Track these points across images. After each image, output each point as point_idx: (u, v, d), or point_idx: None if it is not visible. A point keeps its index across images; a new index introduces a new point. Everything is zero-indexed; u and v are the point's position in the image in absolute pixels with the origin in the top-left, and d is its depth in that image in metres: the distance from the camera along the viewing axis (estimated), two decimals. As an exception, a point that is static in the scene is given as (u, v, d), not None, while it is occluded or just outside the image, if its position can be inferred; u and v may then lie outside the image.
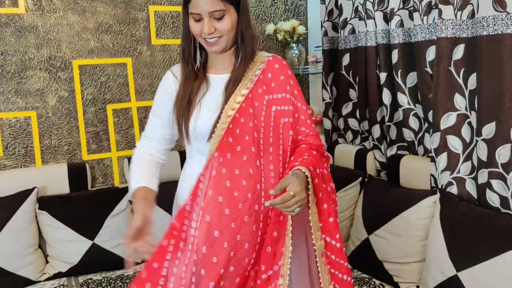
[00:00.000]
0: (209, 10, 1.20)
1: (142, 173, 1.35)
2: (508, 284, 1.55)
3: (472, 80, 1.85)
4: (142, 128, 2.56)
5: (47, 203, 2.23)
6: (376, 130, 2.39)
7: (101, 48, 2.47)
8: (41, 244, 2.24)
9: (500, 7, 1.67)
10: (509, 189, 1.73)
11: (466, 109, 1.90)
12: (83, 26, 2.42)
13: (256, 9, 2.85)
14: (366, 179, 2.35)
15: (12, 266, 2.08)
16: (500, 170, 1.75)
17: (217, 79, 1.33)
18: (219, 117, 1.25)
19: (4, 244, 2.07)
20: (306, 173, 1.19)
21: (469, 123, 1.89)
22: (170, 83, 1.37)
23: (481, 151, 1.80)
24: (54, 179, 2.34)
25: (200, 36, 1.25)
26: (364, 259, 2.12)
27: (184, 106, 1.30)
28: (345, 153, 2.61)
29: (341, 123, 2.75)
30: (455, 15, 1.86)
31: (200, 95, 1.30)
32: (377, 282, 2.03)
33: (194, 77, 1.32)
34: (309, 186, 1.20)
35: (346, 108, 2.69)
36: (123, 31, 2.50)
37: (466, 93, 1.89)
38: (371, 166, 2.44)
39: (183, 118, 1.30)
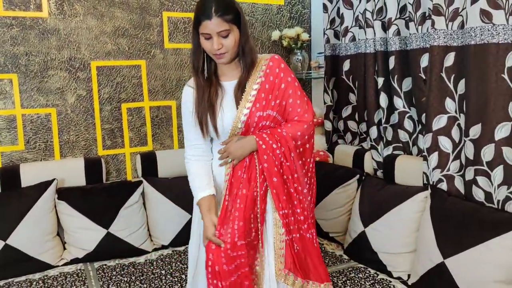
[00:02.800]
0: (217, 30, 1.43)
1: (201, 181, 1.57)
2: (488, 268, 1.70)
3: (461, 85, 2.00)
4: (154, 126, 2.74)
5: (66, 194, 2.38)
6: (374, 132, 2.54)
7: (118, 50, 2.64)
8: (59, 232, 2.39)
9: (487, 19, 1.83)
10: (492, 185, 1.89)
11: (456, 111, 2.05)
12: (101, 30, 2.59)
13: (263, 17, 3.02)
14: (363, 177, 2.50)
15: (33, 251, 2.23)
16: (485, 167, 1.90)
17: (229, 85, 1.56)
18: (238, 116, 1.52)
19: (26, 231, 2.22)
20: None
21: (458, 125, 2.05)
22: (189, 94, 1.59)
23: (468, 150, 1.96)
24: (72, 172, 2.50)
25: (211, 51, 1.48)
26: (360, 250, 2.27)
27: (207, 108, 1.52)
28: (345, 153, 2.77)
29: (341, 125, 2.91)
30: (447, 26, 2.03)
31: (219, 98, 1.54)
32: (372, 271, 2.18)
33: (209, 84, 1.55)
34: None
35: (346, 111, 2.84)
36: (138, 35, 2.67)
37: (456, 97, 2.04)
38: (369, 165, 2.59)
39: (210, 117, 1.52)
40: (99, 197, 2.42)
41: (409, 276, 2.06)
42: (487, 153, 1.89)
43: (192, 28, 1.51)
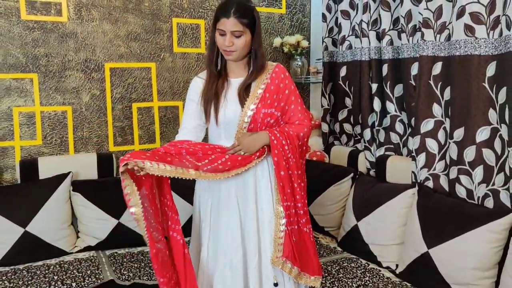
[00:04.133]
0: (231, 29, 1.62)
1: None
2: (466, 257, 1.89)
3: (447, 92, 2.19)
4: (162, 124, 2.92)
5: (80, 186, 2.55)
6: (367, 134, 2.72)
7: (130, 53, 2.82)
8: (73, 222, 2.56)
9: (470, 33, 2.03)
10: (473, 183, 2.08)
11: (442, 116, 2.25)
12: (115, 34, 2.77)
13: (265, 24, 3.21)
14: (357, 176, 2.69)
15: (50, 238, 2.39)
16: (467, 167, 2.09)
17: (235, 81, 1.75)
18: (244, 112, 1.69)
19: (43, 220, 2.38)
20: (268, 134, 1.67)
21: (444, 128, 2.24)
22: (198, 85, 1.78)
23: (452, 151, 2.15)
24: (85, 166, 2.67)
25: (221, 47, 1.67)
26: (353, 242, 2.45)
27: (212, 96, 1.70)
28: (340, 153, 2.96)
29: (337, 127, 3.10)
30: (435, 37, 2.22)
31: (224, 91, 1.72)
32: (363, 261, 2.36)
33: (218, 77, 1.74)
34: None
35: (342, 114, 3.03)
36: (149, 39, 2.86)
37: (442, 103, 2.23)
38: (362, 165, 2.78)
39: (214, 106, 1.70)
40: (110, 189, 2.58)
41: (397, 265, 2.25)
42: (469, 154, 2.08)
43: (212, 24, 1.68)
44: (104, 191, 2.58)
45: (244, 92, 1.70)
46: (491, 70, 1.99)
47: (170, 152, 1.59)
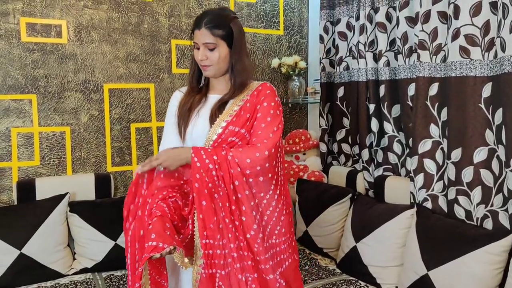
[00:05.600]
0: (203, 41, 1.52)
1: None
2: (465, 279, 1.87)
3: (444, 113, 2.20)
4: (160, 145, 2.91)
5: (77, 207, 2.54)
6: (365, 154, 2.72)
7: (129, 74, 2.84)
8: (69, 243, 2.54)
9: (465, 55, 2.05)
10: (472, 203, 2.07)
11: (439, 136, 2.25)
12: (114, 55, 2.79)
13: (264, 46, 3.24)
14: (356, 196, 2.68)
15: (46, 260, 2.37)
16: (465, 188, 2.09)
17: (213, 98, 1.61)
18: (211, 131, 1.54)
19: (39, 241, 2.36)
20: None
21: (442, 149, 2.24)
22: (177, 98, 1.67)
23: (450, 172, 2.15)
24: (83, 187, 2.66)
25: (198, 61, 1.56)
26: (352, 264, 2.43)
27: (185, 111, 1.59)
28: (338, 173, 2.95)
29: (335, 147, 3.10)
30: (431, 59, 2.24)
31: (199, 106, 1.60)
32: (363, 283, 2.33)
33: (197, 93, 1.64)
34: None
35: (340, 134, 3.04)
36: (148, 60, 2.88)
37: (439, 124, 2.24)
38: (361, 185, 2.77)
39: (183, 121, 1.59)
40: (108, 210, 2.57)
41: (396, 287, 2.22)
42: (467, 174, 2.07)
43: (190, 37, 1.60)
44: (101, 212, 2.56)
45: (217, 110, 1.56)
46: (487, 91, 2.00)
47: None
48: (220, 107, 1.57)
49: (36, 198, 2.53)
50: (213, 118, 1.55)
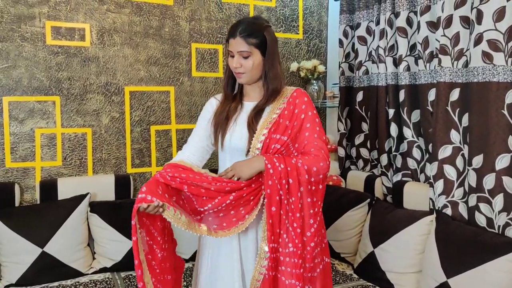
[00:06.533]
0: (237, 50, 1.57)
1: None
2: (486, 287, 1.84)
3: (465, 118, 2.18)
4: (179, 147, 2.95)
5: (97, 207, 2.58)
6: (384, 159, 2.71)
7: (149, 77, 2.88)
8: (89, 243, 2.58)
9: (488, 60, 2.03)
10: (493, 211, 2.04)
11: (460, 142, 2.23)
12: (135, 58, 2.84)
13: (283, 50, 3.25)
14: (374, 201, 2.66)
15: (66, 258, 2.41)
16: (487, 195, 2.06)
17: (249, 105, 1.66)
18: (251, 137, 1.57)
19: (61, 240, 2.41)
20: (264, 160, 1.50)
21: (462, 155, 2.22)
22: (212, 105, 1.72)
23: (471, 178, 2.12)
24: (103, 187, 2.70)
25: (232, 69, 1.61)
26: (370, 269, 2.41)
27: (223, 119, 1.63)
28: (357, 178, 2.94)
29: (353, 152, 3.09)
30: (452, 64, 2.22)
31: (236, 114, 1.65)
32: (380, 289, 2.32)
33: (232, 100, 1.68)
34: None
35: (359, 139, 3.02)
36: (168, 63, 2.92)
37: (460, 129, 2.22)
38: (379, 190, 2.76)
39: (221, 129, 1.63)
40: (127, 211, 2.55)
41: (415, 295, 2.20)
42: (489, 181, 2.04)
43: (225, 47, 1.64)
44: (121, 213, 2.60)
45: (254, 117, 1.59)
46: (510, 97, 1.97)
47: (178, 186, 1.49)
48: (256, 114, 1.60)
49: (58, 197, 2.58)
50: (251, 125, 1.59)
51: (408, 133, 2.55)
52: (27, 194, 2.64)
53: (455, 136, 2.23)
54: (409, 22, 2.52)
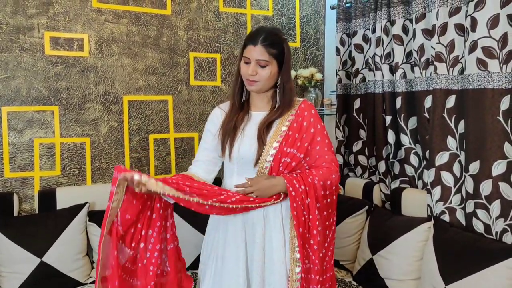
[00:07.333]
0: (256, 58, 1.56)
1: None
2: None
3: (462, 125, 2.19)
4: (178, 155, 2.96)
5: (96, 217, 2.58)
6: (382, 166, 2.72)
7: (148, 86, 2.90)
8: (88, 252, 2.58)
9: (483, 67, 2.04)
10: (491, 217, 2.05)
11: (456, 149, 2.23)
12: (134, 68, 2.86)
13: (280, 58, 3.27)
14: (372, 208, 2.67)
15: (65, 268, 2.41)
16: (484, 201, 2.06)
17: (256, 115, 1.66)
18: (260, 149, 1.58)
19: (59, 249, 2.41)
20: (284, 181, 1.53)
21: (459, 161, 2.22)
22: (217, 115, 1.72)
23: (468, 185, 2.13)
24: (102, 197, 2.69)
25: (245, 75, 1.60)
26: (368, 276, 2.41)
27: (230, 129, 1.62)
28: (355, 185, 2.94)
29: (351, 159, 3.10)
30: (448, 71, 2.23)
31: (243, 124, 1.65)
32: (379, 297, 2.32)
33: (239, 109, 1.67)
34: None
35: (356, 146, 3.03)
36: (166, 73, 2.94)
37: (457, 136, 2.23)
38: (377, 197, 2.76)
39: (228, 139, 1.62)
40: (126, 220, 2.61)
41: (414, 302, 2.20)
42: (485, 187, 2.05)
43: (240, 52, 1.62)
44: (119, 222, 2.59)
45: (265, 129, 1.59)
46: (505, 103, 1.98)
47: (179, 187, 1.52)
48: (268, 126, 1.60)
49: (56, 207, 2.58)
50: (261, 138, 1.59)
51: (405, 139, 2.56)
52: (26, 204, 2.64)
53: (451, 142, 2.24)
54: (404, 30, 2.54)
